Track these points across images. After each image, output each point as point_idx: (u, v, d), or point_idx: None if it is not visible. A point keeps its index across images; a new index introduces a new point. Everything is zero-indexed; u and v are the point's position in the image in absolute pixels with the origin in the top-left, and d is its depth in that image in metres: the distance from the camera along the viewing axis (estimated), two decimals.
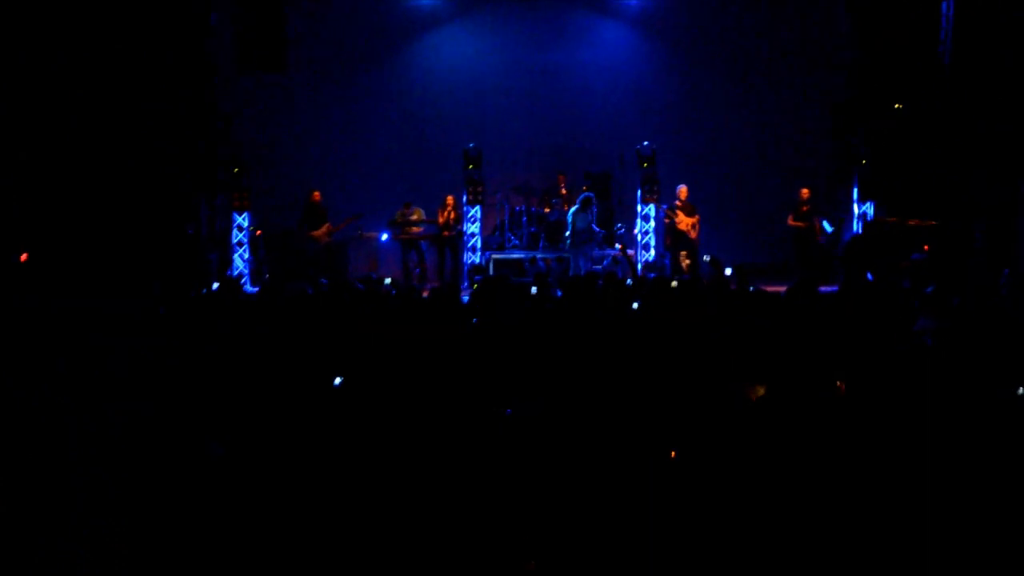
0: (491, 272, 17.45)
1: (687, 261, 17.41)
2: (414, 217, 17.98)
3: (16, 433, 4.80)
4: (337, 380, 6.00)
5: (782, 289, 8.77)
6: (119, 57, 15.51)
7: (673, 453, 4.68)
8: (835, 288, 11.18)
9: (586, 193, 17.61)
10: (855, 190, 18.04)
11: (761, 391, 5.37)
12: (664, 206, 17.70)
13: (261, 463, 4.82)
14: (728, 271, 13.80)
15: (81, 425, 4.72)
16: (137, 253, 14.73)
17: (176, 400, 5.35)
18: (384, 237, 18.35)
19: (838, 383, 5.57)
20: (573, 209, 17.32)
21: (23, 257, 14.18)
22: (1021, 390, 5.41)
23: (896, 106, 17.16)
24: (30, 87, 15.00)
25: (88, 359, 5.64)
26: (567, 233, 17.34)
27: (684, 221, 17.43)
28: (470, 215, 18.22)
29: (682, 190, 17.67)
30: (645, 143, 18.00)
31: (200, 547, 4.39)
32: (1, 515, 4.45)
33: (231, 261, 17.74)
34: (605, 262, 17.42)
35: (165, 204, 15.91)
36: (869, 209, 17.75)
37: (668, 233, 17.80)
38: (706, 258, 15.17)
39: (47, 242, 14.53)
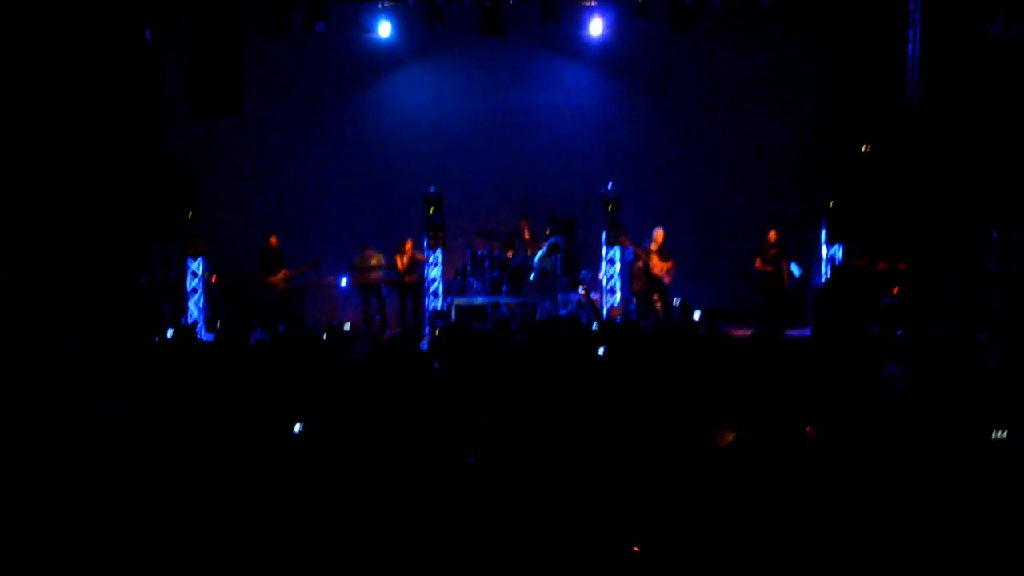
0: (453, 317, 17.45)
1: (659, 304, 17.45)
2: (373, 262, 17.95)
3: None
4: (297, 427, 6.01)
5: (748, 332, 8.85)
6: (69, 99, 15.47)
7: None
8: (803, 332, 11.26)
9: (554, 238, 17.68)
10: (823, 233, 18.21)
11: (730, 436, 5.41)
12: (631, 249, 17.72)
13: (226, 514, 4.81)
14: (696, 315, 13.92)
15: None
16: (89, 301, 14.60)
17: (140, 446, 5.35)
18: (343, 283, 18.33)
19: (807, 428, 5.61)
20: (540, 253, 17.39)
21: None
22: (996, 434, 5.47)
23: (863, 148, 17.37)
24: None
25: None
26: (531, 277, 17.43)
27: (659, 266, 17.40)
28: (431, 260, 18.23)
29: (658, 233, 17.58)
30: (609, 186, 18.10)
31: None
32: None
33: (185, 308, 17.65)
34: (570, 307, 17.45)
35: (117, 251, 15.82)
36: (837, 252, 17.92)
37: (638, 277, 17.81)
38: (676, 302, 15.27)
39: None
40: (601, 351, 8.67)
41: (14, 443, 5.13)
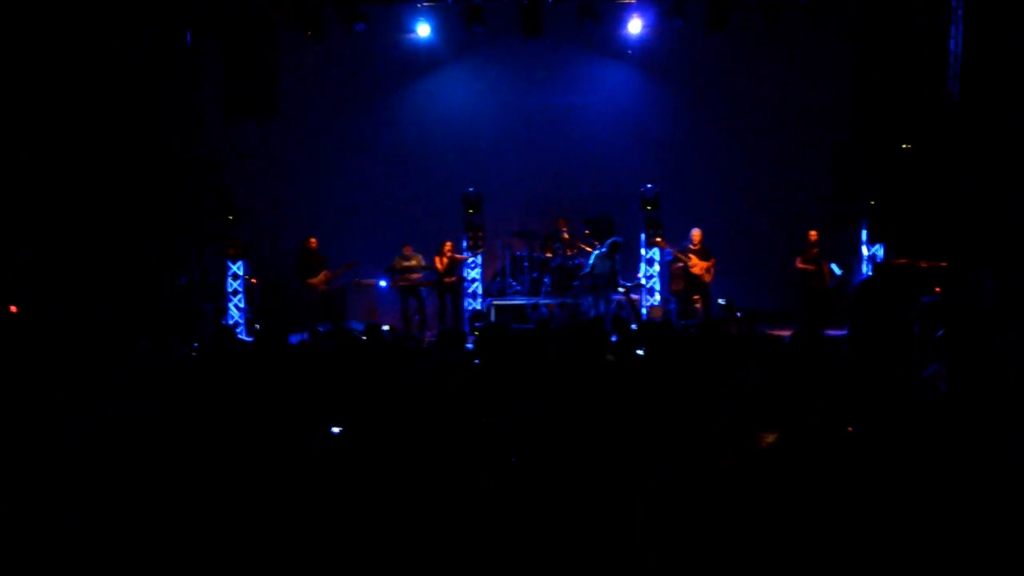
0: (492, 318, 17.51)
1: (699, 305, 17.42)
2: (412, 263, 18.02)
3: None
4: (336, 429, 6.07)
5: (789, 332, 8.81)
6: (109, 106, 15.63)
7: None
8: (843, 332, 11.21)
9: (615, 237, 17.64)
10: (863, 232, 18.12)
11: (771, 438, 5.42)
12: (669, 250, 17.71)
13: (262, 512, 4.88)
14: (738, 314, 13.87)
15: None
16: (129, 302, 14.77)
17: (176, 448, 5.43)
18: (383, 284, 18.42)
19: (848, 428, 5.62)
20: (598, 252, 17.34)
21: (13, 308, 14.22)
22: None
23: (904, 145, 17.27)
24: (16, 138, 15.08)
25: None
26: (585, 272, 17.42)
27: (698, 265, 17.37)
28: (470, 261, 18.29)
29: (696, 234, 17.58)
30: (648, 186, 18.10)
31: None
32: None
33: (226, 310, 17.80)
34: (611, 306, 17.46)
35: (158, 254, 15.99)
36: (878, 251, 17.83)
37: (678, 277, 17.79)
38: (721, 302, 15.22)
39: (39, 301, 14.52)
40: (640, 351, 8.69)
41: (14, 443, 5.20)
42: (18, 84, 14.94)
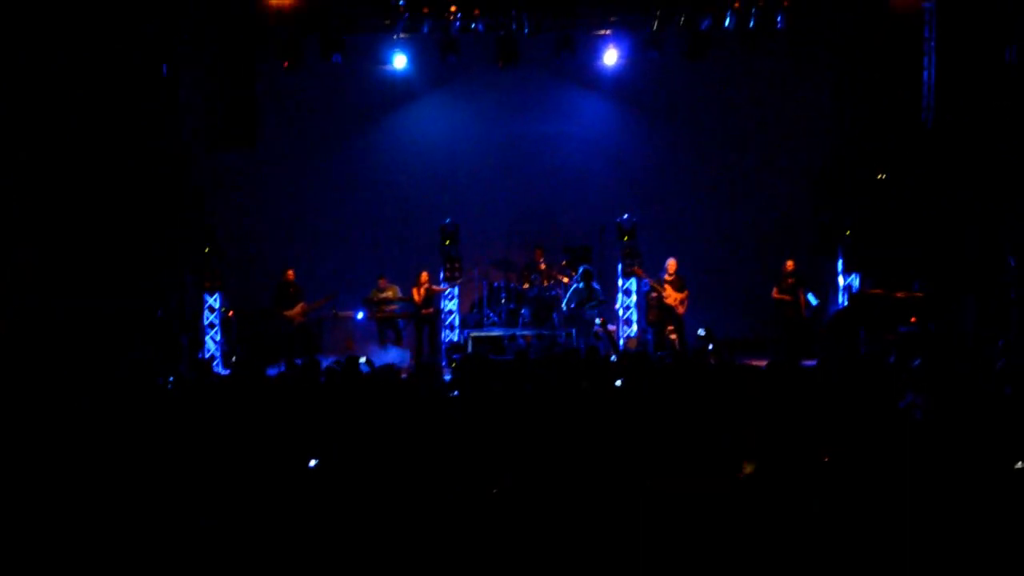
0: (470, 350, 17.50)
1: (674, 336, 17.41)
2: (388, 294, 18.00)
3: None
4: (312, 462, 6.06)
5: (765, 362, 8.85)
6: (86, 135, 15.59)
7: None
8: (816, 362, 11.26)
9: (584, 266, 17.73)
10: (839, 262, 18.22)
11: (749, 468, 5.46)
12: (646, 280, 17.73)
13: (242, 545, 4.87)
14: (709, 346, 13.93)
15: None
16: (105, 336, 14.70)
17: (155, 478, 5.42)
18: (360, 316, 18.40)
19: (824, 458, 5.65)
20: (577, 285, 17.44)
21: None
22: (1019, 464, 5.49)
23: (879, 175, 17.39)
24: None
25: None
26: (572, 305, 17.47)
27: (672, 296, 17.36)
28: (447, 292, 18.29)
29: (671, 264, 17.55)
30: (625, 216, 18.16)
31: None
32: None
33: (202, 343, 17.73)
34: (589, 338, 17.50)
35: (134, 285, 15.93)
36: (854, 281, 17.94)
37: (653, 307, 17.81)
38: (700, 332, 15.25)
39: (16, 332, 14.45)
40: (618, 383, 8.71)
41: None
42: None
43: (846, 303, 17.74)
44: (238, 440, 6.63)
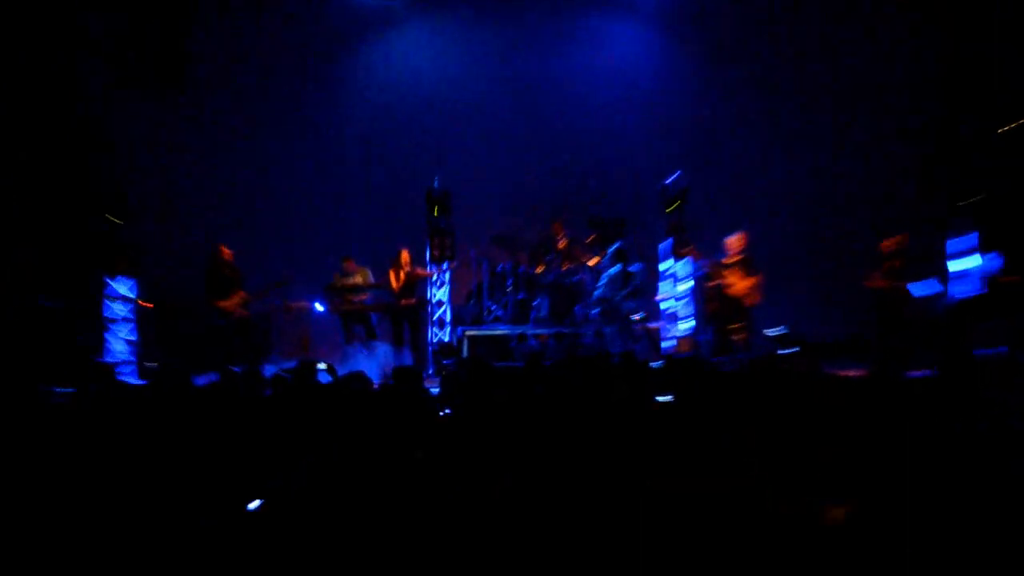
0: (465, 353, 17.43)
1: (741, 336, 17.23)
2: (357, 280, 17.90)
3: None
4: (253, 504, 5.96)
5: (862, 373, 8.77)
6: None
7: None
8: (930, 372, 11.13)
9: (619, 242, 17.45)
10: (960, 239, 18.08)
11: (840, 514, 5.35)
12: (700, 263, 17.58)
13: None
14: (791, 350, 13.82)
15: None
16: None
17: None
18: (319, 308, 18.29)
19: (943, 503, 5.53)
20: (612, 270, 17.17)
21: None
22: None
23: (1003, 129, 17.31)
24: None
25: None
26: (607, 295, 17.25)
27: (738, 284, 17.12)
28: (435, 277, 18.21)
29: (735, 241, 17.13)
30: (674, 176, 17.99)
31: None
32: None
33: (104, 344, 17.58)
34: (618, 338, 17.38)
35: (13, 267, 15.87)
36: (988, 262, 17.78)
37: (712, 299, 17.66)
38: (769, 333, 15.13)
39: None
40: (664, 399, 8.60)
41: None
42: None
43: (978, 291, 17.59)
44: (151, 476, 6.53)
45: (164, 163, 19.45)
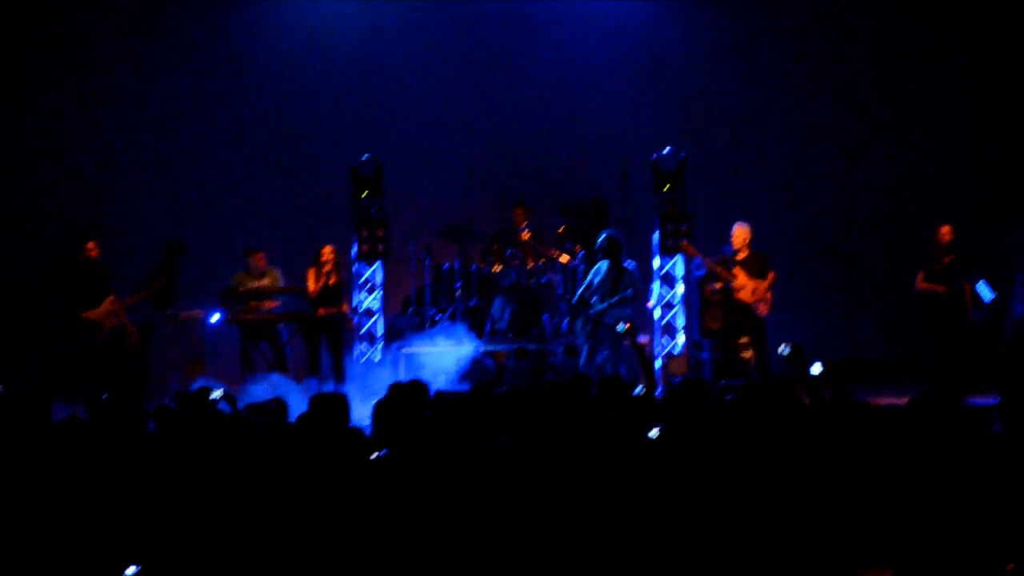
0: (402, 377, 17.44)
1: (750, 353, 17.25)
2: (265, 282, 17.88)
3: None
4: (130, 570, 6.04)
5: (904, 401, 8.84)
6: None
7: None
8: (996, 399, 11.24)
9: (609, 231, 17.16)
10: None
11: None
12: (699, 260, 17.56)
13: None
14: (816, 369, 13.89)
15: None
16: None
17: None
18: (215, 318, 18.25)
19: (1008, 566, 5.65)
20: (603, 263, 16.81)
21: None
22: None
23: None
24: None
25: None
26: (591, 300, 17.00)
27: (747, 286, 17.02)
28: (363, 278, 18.20)
29: (742, 232, 17.06)
30: (667, 150, 18.00)
31: None
32: None
33: None
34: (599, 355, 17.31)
35: None
36: None
37: (713, 304, 17.68)
38: (783, 350, 15.16)
39: None
40: (654, 432, 8.68)
41: None
42: None
43: None
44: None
45: (9, 128, 19.41)
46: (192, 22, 20.04)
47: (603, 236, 16.64)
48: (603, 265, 16.59)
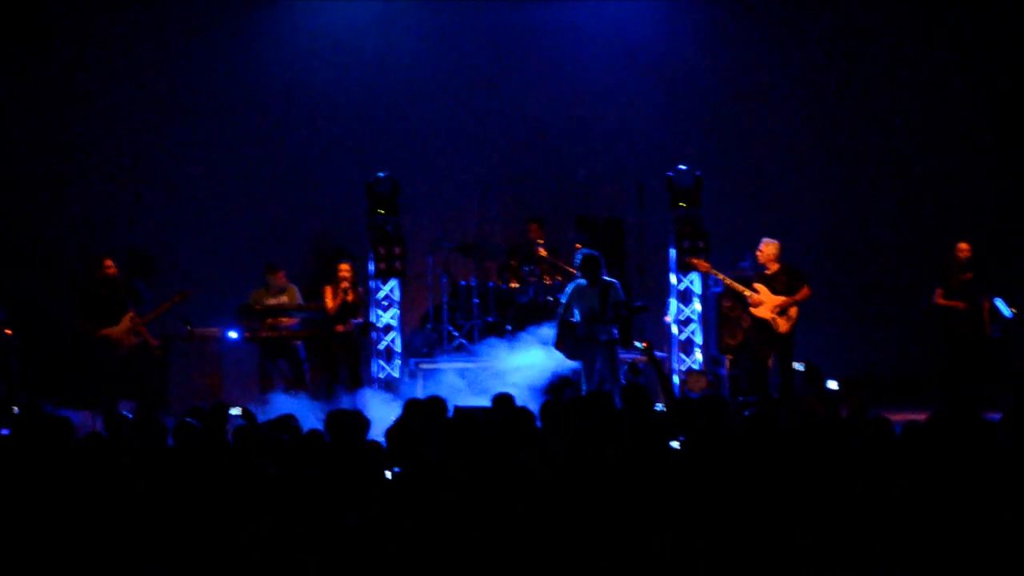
0: (419, 393, 17.41)
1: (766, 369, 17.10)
2: (284, 299, 17.88)
3: None
4: None
5: (923, 417, 8.82)
6: None
7: None
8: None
9: (584, 250, 16.97)
10: None
11: None
12: (716, 278, 17.48)
13: None
14: (833, 386, 13.85)
15: None
16: None
17: None
18: (232, 335, 18.22)
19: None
20: (580, 281, 16.58)
21: None
22: None
23: None
24: None
25: None
26: (574, 319, 16.81)
27: (770, 302, 16.77)
28: (382, 295, 18.18)
29: (768, 248, 16.80)
30: (682, 167, 18.00)
31: None
32: None
33: None
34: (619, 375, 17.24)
35: None
36: None
37: (734, 323, 17.63)
38: (798, 367, 15.11)
39: None
40: (676, 444, 8.68)
41: None
42: None
43: None
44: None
45: (21, 143, 19.40)
46: (207, 39, 20.01)
47: (580, 255, 16.37)
48: (582, 283, 16.33)
